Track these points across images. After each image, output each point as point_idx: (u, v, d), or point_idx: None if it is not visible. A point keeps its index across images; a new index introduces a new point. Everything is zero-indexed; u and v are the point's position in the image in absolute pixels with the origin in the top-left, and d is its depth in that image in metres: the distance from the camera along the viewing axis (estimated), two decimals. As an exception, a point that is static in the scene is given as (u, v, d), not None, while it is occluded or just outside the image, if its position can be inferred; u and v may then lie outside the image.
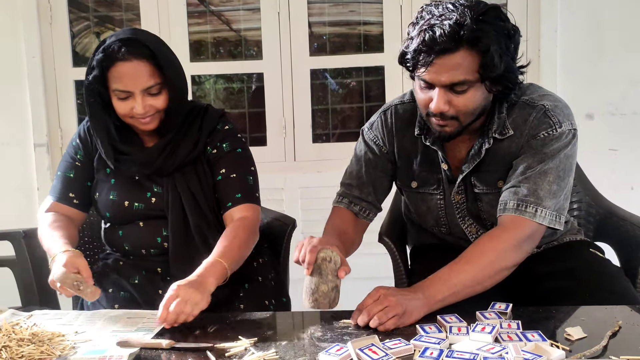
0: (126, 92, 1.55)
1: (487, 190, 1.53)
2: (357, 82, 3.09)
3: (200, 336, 1.28)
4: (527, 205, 1.40)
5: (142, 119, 1.58)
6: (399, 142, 1.62)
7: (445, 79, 1.35)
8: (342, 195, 1.68)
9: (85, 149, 1.72)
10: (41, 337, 1.28)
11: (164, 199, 1.65)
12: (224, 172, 1.68)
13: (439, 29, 1.31)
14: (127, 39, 1.54)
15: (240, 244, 1.55)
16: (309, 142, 2.95)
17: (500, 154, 1.50)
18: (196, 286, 1.38)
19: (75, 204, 1.70)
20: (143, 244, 1.68)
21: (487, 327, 1.17)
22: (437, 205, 1.61)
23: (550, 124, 1.45)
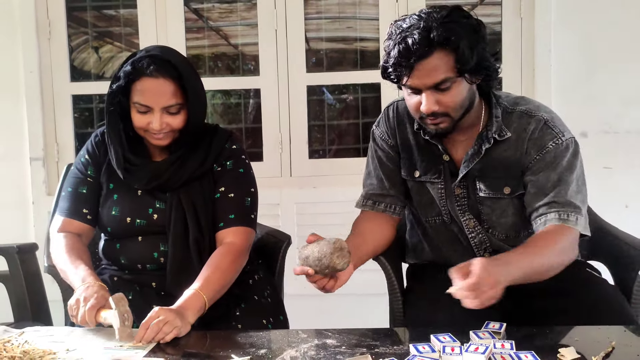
0: (146, 106, 1.58)
1: (492, 194, 1.60)
2: (354, 98, 3.10)
3: (193, 354, 1.27)
4: (568, 214, 1.50)
5: (156, 134, 1.61)
6: (401, 134, 1.70)
7: (429, 81, 1.44)
8: (365, 197, 1.77)
9: (95, 164, 1.73)
10: (32, 355, 1.27)
11: (167, 214, 1.66)
12: (223, 190, 1.69)
13: (411, 37, 1.40)
14: (158, 57, 1.58)
15: (223, 274, 1.57)
16: (305, 157, 2.95)
17: (501, 157, 1.58)
18: (177, 312, 1.41)
19: (88, 219, 1.71)
20: (140, 258, 1.68)
21: (480, 347, 1.17)
22: (439, 193, 1.66)
23: (554, 134, 1.54)
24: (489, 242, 1.65)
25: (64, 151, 3.04)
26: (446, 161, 1.64)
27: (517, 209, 1.61)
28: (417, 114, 1.52)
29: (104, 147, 1.74)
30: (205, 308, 1.48)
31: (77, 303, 1.43)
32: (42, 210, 2.99)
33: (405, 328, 1.51)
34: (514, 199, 1.60)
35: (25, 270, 2.08)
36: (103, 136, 1.76)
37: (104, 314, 1.41)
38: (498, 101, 1.61)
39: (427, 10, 1.46)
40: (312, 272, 1.38)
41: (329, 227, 2.79)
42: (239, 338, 1.39)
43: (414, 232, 1.83)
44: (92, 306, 1.40)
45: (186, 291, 1.49)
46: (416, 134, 1.67)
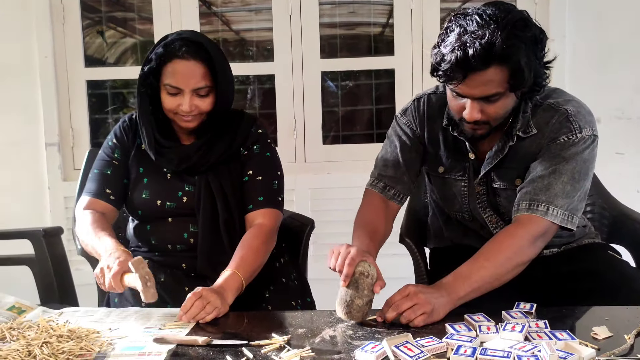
0: (177, 88, 1.61)
1: (504, 186, 1.59)
2: (367, 84, 3.12)
3: (233, 334, 1.31)
4: (538, 204, 1.46)
5: (185, 116, 1.64)
6: (429, 128, 1.69)
7: (478, 93, 1.41)
8: (376, 179, 1.73)
9: (122, 148, 1.76)
10: (78, 333, 1.31)
11: (196, 196, 1.69)
12: (251, 173, 1.72)
13: (471, 48, 1.34)
14: (189, 40, 1.62)
15: (256, 255, 1.61)
16: (319, 143, 2.98)
17: (521, 152, 1.56)
18: (218, 293, 1.44)
19: (111, 200, 1.73)
20: (170, 239, 1.71)
21: (517, 326, 1.21)
22: (461, 191, 1.67)
23: (571, 128, 1.50)
24: None
25: (79, 136, 3.06)
26: (471, 159, 1.63)
27: None
28: (458, 115, 1.50)
29: (132, 132, 1.77)
30: (242, 288, 1.52)
31: (102, 271, 1.46)
32: (58, 196, 3.02)
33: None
34: None
35: (52, 254, 2.10)
36: (131, 121, 1.79)
37: (127, 278, 1.43)
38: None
39: (491, 13, 1.39)
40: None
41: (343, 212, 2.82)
42: (276, 318, 1.43)
43: (435, 219, 1.86)
44: (116, 272, 1.43)
45: (223, 272, 1.53)
46: (445, 130, 1.66)
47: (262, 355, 1.19)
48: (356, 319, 1.35)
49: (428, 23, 2.90)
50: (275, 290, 1.71)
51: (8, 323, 1.38)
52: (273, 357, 1.17)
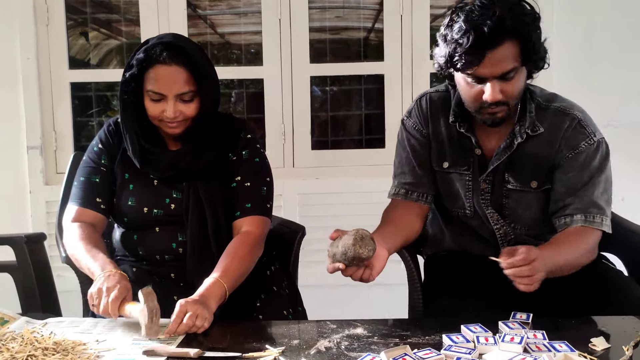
0: (160, 94, 1.57)
1: (519, 187, 1.63)
2: (356, 89, 3.11)
3: (226, 345, 1.27)
4: (594, 217, 1.55)
5: (169, 123, 1.60)
6: (433, 125, 1.71)
7: (498, 70, 1.45)
8: (397, 187, 1.76)
9: (109, 153, 1.71)
10: (64, 345, 1.26)
11: (184, 203, 1.65)
12: (239, 179, 1.69)
13: (484, 26, 1.40)
14: (170, 44, 1.57)
15: (241, 263, 1.57)
16: (308, 148, 2.95)
17: (532, 152, 1.61)
18: (201, 303, 1.40)
19: (102, 209, 1.68)
20: (158, 249, 1.67)
21: (515, 337, 1.19)
22: (466, 186, 1.68)
23: (587, 133, 1.58)
24: (513, 234, 1.67)
25: (62, 140, 2.99)
26: (477, 155, 1.65)
27: (542, 203, 1.64)
28: (477, 103, 1.52)
29: (118, 136, 1.72)
30: (226, 296, 1.48)
31: (99, 293, 1.41)
32: (40, 200, 2.95)
33: (433, 319, 1.53)
34: (539, 193, 1.63)
35: (34, 260, 2.06)
36: (117, 125, 1.74)
37: (129, 307, 1.38)
38: (532, 96, 1.63)
39: None
40: (343, 266, 1.37)
41: (332, 218, 2.82)
42: (269, 329, 1.40)
43: (435, 221, 1.85)
44: (116, 297, 1.38)
45: (206, 280, 1.49)
46: (449, 126, 1.68)
47: (256, 368, 1.16)
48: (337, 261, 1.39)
49: (418, 29, 2.89)
50: (267, 299, 1.68)
51: (-10, 334, 1.34)
52: (268, 370, 1.14)
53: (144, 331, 1.32)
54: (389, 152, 2.96)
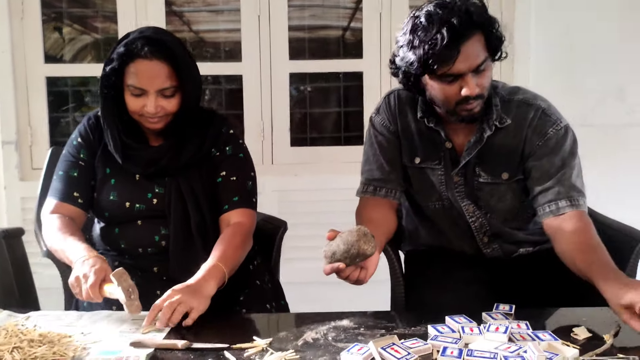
0: (140, 89, 1.55)
1: (491, 180, 1.66)
2: (335, 87, 3.12)
3: (212, 337, 1.27)
4: (577, 199, 1.58)
5: (150, 118, 1.59)
6: (402, 122, 1.73)
7: (474, 64, 1.48)
8: (365, 184, 1.76)
9: (88, 147, 1.69)
10: (50, 338, 1.25)
11: (167, 198, 1.64)
12: (224, 174, 1.68)
13: (455, 19, 1.43)
14: (152, 38, 1.55)
15: (236, 249, 1.57)
16: (287, 145, 2.95)
17: (501, 144, 1.63)
18: (193, 290, 1.40)
19: (79, 203, 1.67)
20: (140, 243, 1.66)
21: (500, 327, 1.21)
22: (439, 180, 1.70)
23: (552, 121, 1.62)
24: (489, 225, 1.70)
25: (37, 135, 2.94)
26: (448, 149, 1.68)
27: (515, 194, 1.67)
28: (453, 101, 1.53)
29: (98, 130, 1.70)
30: (225, 280, 1.47)
31: (77, 280, 1.40)
32: (15, 196, 2.90)
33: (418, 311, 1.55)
34: (512, 184, 1.66)
35: (12, 256, 2.02)
36: (97, 119, 1.72)
37: (108, 288, 1.39)
38: (496, 90, 1.66)
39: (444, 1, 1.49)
40: (343, 266, 1.36)
41: (311, 214, 2.84)
42: (255, 321, 1.41)
43: (410, 219, 1.87)
44: (94, 282, 1.37)
45: (203, 265, 1.48)
46: (418, 122, 1.70)
47: (245, 358, 1.17)
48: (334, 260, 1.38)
49: (397, 26, 2.90)
50: (250, 293, 1.68)
51: (-29, 328, 1.31)
52: (258, 361, 1.14)
53: (126, 310, 1.35)
54: (367, 149, 2.99)
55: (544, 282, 1.65)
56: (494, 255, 1.73)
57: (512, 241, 1.73)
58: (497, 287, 1.66)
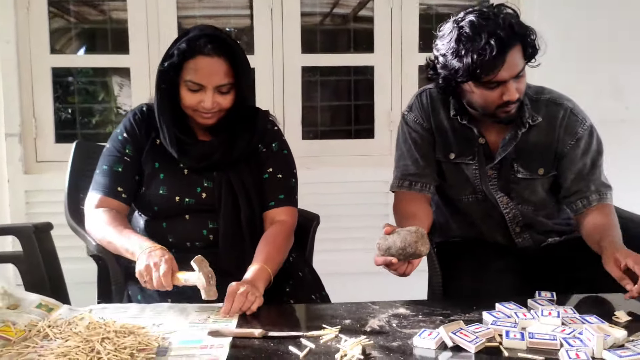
0: (199, 85, 1.66)
1: (529, 175, 1.84)
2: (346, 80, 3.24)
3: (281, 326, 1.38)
4: (606, 193, 1.80)
5: (204, 113, 1.69)
6: (435, 119, 1.88)
7: (515, 71, 1.65)
8: (400, 179, 1.89)
9: (134, 142, 1.77)
10: (130, 329, 1.35)
11: (217, 192, 1.74)
12: (271, 171, 1.80)
13: (501, 31, 1.59)
14: (214, 36, 1.66)
15: (279, 251, 1.71)
16: (298, 138, 3.06)
17: (534, 141, 1.81)
18: (251, 284, 1.52)
19: (123, 198, 1.75)
20: (188, 236, 1.76)
21: (552, 312, 1.36)
22: (474, 174, 1.86)
23: (580, 120, 1.82)
24: (522, 215, 1.87)
25: (42, 127, 2.98)
26: (481, 144, 1.84)
27: (546, 187, 1.86)
28: (494, 105, 1.70)
29: (145, 125, 1.79)
30: (270, 280, 1.60)
31: (148, 269, 1.49)
32: (18, 189, 2.94)
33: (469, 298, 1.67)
34: (545, 178, 1.84)
35: (42, 250, 2.09)
36: (143, 114, 1.81)
37: (183, 276, 1.49)
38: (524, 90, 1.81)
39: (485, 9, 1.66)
40: (395, 261, 1.50)
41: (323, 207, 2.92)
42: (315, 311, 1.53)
43: (440, 212, 2.02)
44: (167, 270, 1.47)
45: (250, 267, 1.60)
46: (450, 119, 1.85)
47: (322, 345, 1.29)
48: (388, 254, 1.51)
49: (407, 21, 3.05)
50: (294, 284, 1.80)
51: (44, 321, 1.40)
52: (337, 346, 1.26)
53: (204, 295, 1.46)
54: (377, 142, 3.12)
55: (570, 268, 1.82)
56: (525, 245, 1.90)
57: (542, 231, 1.90)
58: (528, 275, 1.82)
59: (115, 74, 3.23)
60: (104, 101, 3.33)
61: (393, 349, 1.26)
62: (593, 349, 1.21)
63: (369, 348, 1.26)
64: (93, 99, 3.32)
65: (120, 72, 3.16)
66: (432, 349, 1.25)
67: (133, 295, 1.72)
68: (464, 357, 1.23)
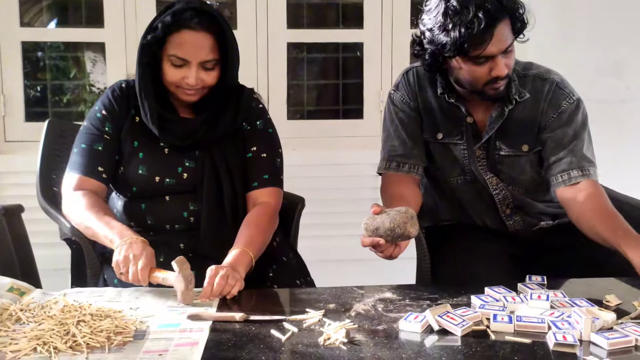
0: (183, 60, 1.67)
1: (512, 152, 1.87)
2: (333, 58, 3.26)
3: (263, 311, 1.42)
4: (588, 169, 1.81)
5: (187, 90, 1.70)
6: (422, 98, 1.92)
7: (503, 46, 1.69)
8: (387, 160, 1.93)
9: (113, 120, 1.79)
10: (106, 312, 1.37)
11: (199, 172, 1.76)
12: (255, 150, 1.82)
13: (490, 5, 1.63)
14: (201, 10, 1.67)
15: (263, 233, 1.73)
16: (283, 118, 3.09)
17: (520, 117, 1.85)
18: (232, 268, 1.54)
19: (103, 178, 1.76)
20: (168, 218, 1.78)
21: (542, 295, 1.41)
22: (462, 154, 1.90)
23: (566, 94, 1.86)
24: (512, 197, 1.91)
25: (11, 103, 2.99)
26: (469, 123, 1.88)
27: (535, 166, 1.90)
28: (482, 81, 1.73)
29: (124, 102, 1.81)
30: (252, 264, 1.62)
31: (126, 260, 1.51)
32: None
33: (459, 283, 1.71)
34: (531, 155, 1.88)
35: (13, 234, 2.10)
36: (122, 91, 1.82)
37: (161, 275, 1.51)
38: None
39: None
40: (383, 242, 1.52)
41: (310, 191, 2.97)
42: (298, 295, 1.57)
43: (428, 195, 2.05)
44: (145, 265, 1.50)
45: (231, 250, 1.63)
46: (438, 98, 1.89)
47: (305, 329, 1.32)
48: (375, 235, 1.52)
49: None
50: (278, 269, 1.83)
51: (16, 305, 1.42)
52: (320, 330, 1.30)
53: (180, 298, 1.46)
54: (367, 123, 3.15)
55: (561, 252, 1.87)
56: (516, 229, 1.95)
57: (533, 213, 1.95)
58: (520, 260, 1.87)
59: (89, 49, 3.23)
60: (76, 78, 3.33)
61: (378, 333, 1.30)
62: (581, 331, 1.25)
63: (353, 332, 1.29)
64: (64, 76, 3.32)
65: (94, 47, 3.16)
66: (417, 332, 1.29)
67: (109, 280, 1.74)
68: (450, 340, 1.27)
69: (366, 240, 1.55)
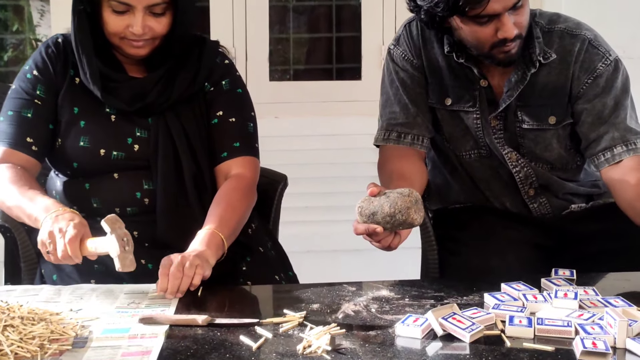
0: (126, 4, 1.63)
1: (536, 126, 1.83)
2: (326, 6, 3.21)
3: (231, 312, 1.40)
4: (635, 142, 1.75)
5: (135, 41, 1.67)
6: (427, 55, 1.88)
7: (510, 2, 1.62)
8: (386, 130, 1.89)
9: (47, 82, 1.75)
10: (40, 315, 1.35)
11: (152, 143, 1.73)
12: (221, 114, 1.79)
13: None
14: None
15: (236, 211, 1.70)
16: (265, 80, 3.06)
17: (545, 82, 1.81)
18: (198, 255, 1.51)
19: (33, 151, 1.73)
20: (118, 200, 1.74)
21: (569, 293, 1.38)
22: (475, 124, 1.86)
23: (601, 54, 1.80)
24: (535, 175, 1.87)
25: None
26: (483, 87, 1.83)
27: (563, 141, 1.86)
28: (488, 44, 1.69)
29: (61, 61, 1.77)
30: (224, 248, 1.59)
31: (52, 236, 1.48)
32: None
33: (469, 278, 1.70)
34: (559, 129, 1.84)
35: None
36: (58, 47, 1.78)
37: (92, 242, 1.48)
38: (534, 20, 1.81)
39: None
40: (380, 230, 1.49)
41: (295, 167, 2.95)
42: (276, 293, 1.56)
43: (437, 172, 2.03)
44: (73, 236, 1.46)
45: (199, 232, 1.60)
46: (447, 57, 1.84)
47: (283, 334, 1.30)
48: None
49: None
50: (253, 261, 1.80)
51: None
52: (300, 336, 1.28)
53: (118, 264, 1.45)
54: (365, 85, 3.11)
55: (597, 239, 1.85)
56: (542, 213, 1.92)
57: (562, 194, 1.91)
58: (544, 250, 1.85)
59: (35, -3, 3.19)
60: (18, 32, 3.28)
61: (369, 339, 1.27)
62: (615, 337, 1.23)
63: (340, 338, 1.27)
64: (5, 30, 3.27)
65: (41, -5, 3.12)
66: (417, 338, 1.27)
67: (47, 275, 1.73)
68: (456, 348, 1.25)
69: (360, 227, 1.52)
